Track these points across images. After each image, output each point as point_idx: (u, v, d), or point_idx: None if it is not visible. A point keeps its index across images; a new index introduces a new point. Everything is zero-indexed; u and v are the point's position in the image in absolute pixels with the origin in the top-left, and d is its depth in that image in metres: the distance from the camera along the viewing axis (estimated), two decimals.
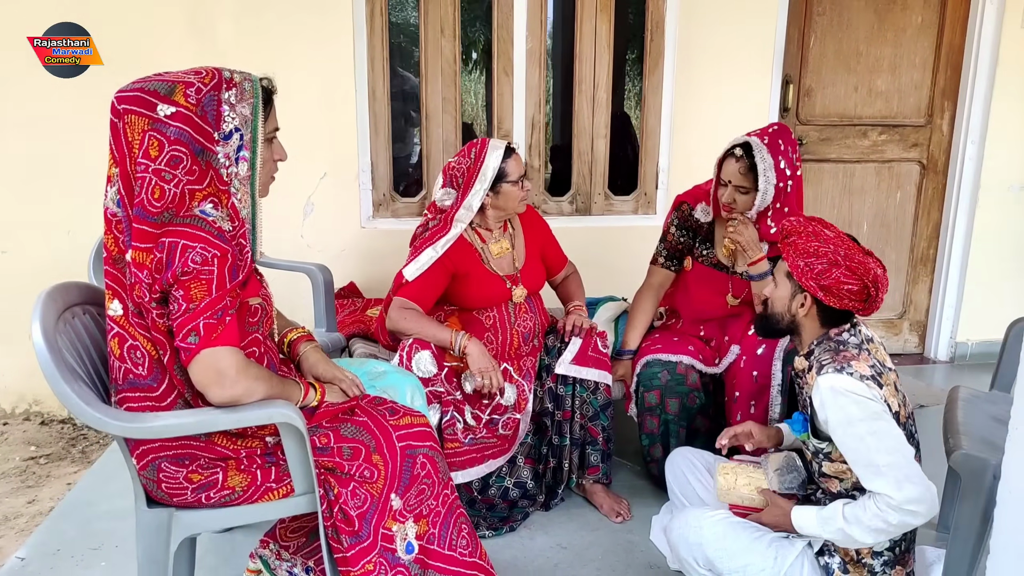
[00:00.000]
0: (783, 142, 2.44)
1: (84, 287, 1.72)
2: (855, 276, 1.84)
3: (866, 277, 1.84)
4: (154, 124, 1.50)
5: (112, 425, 1.45)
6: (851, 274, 1.84)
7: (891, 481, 1.69)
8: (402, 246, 3.51)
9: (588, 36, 3.53)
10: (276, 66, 3.19)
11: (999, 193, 3.98)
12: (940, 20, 3.88)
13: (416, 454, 1.71)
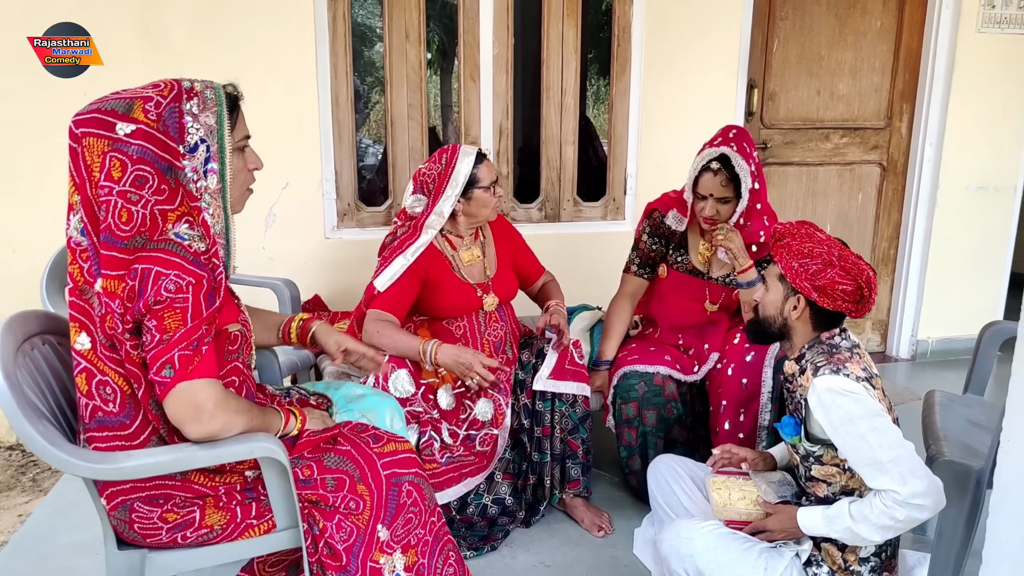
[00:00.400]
0: (747, 144, 2.46)
1: (43, 316, 1.62)
2: (849, 276, 1.85)
3: (860, 278, 1.86)
4: (114, 144, 1.42)
5: (81, 467, 1.35)
6: (845, 274, 1.85)
7: (896, 477, 1.68)
8: (368, 256, 3.44)
9: (555, 41, 3.49)
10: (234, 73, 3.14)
11: (957, 194, 4.06)
12: (898, 24, 3.93)
13: (401, 482, 1.64)
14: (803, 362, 1.93)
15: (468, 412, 2.44)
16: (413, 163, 3.45)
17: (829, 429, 1.78)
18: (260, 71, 3.13)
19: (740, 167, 2.42)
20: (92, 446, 1.47)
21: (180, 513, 1.50)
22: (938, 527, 1.93)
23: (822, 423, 1.79)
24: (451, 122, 3.48)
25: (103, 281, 1.42)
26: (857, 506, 1.76)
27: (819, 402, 1.79)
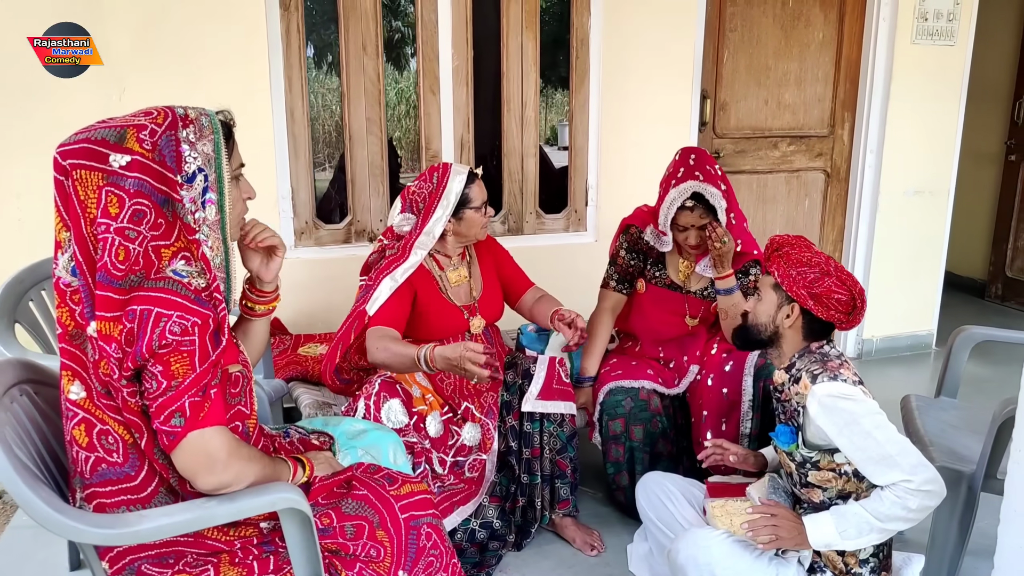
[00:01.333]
0: (709, 166, 2.49)
1: (17, 364, 1.48)
2: (845, 287, 1.91)
3: (853, 289, 1.92)
4: (109, 178, 1.32)
5: (91, 534, 1.23)
6: (841, 285, 1.91)
7: (907, 467, 1.72)
8: (328, 276, 3.34)
9: (515, 53, 3.45)
10: (182, 86, 3.00)
11: (896, 198, 4.21)
12: (839, 36, 4.06)
13: (420, 525, 1.57)
14: (794, 371, 1.96)
15: (455, 438, 2.37)
16: (373, 179, 3.36)
17: (833, 432, 1.81)
18: (211, 84, 2.99)
19: (713, 196, 2.44)
20: (95, 503, 1.35)
21: (193, 573, 1.39)
22: (931, 531, 1.98)
23: (825, 428, 1.82)
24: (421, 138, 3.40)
25: (98, 324, 1.31)
26: (870, 504, 1.78)
27: (821, 408, 1.82)
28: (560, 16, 3.59)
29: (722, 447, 2.20)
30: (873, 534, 1.79)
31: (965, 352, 2.41)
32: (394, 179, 3.64)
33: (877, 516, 1.76)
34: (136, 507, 1.36)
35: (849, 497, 1.92)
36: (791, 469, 1.99)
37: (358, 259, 3.37)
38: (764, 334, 2.00)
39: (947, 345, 2.47)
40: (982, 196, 5.40)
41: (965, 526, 1.93)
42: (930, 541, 2.00)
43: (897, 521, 1.76)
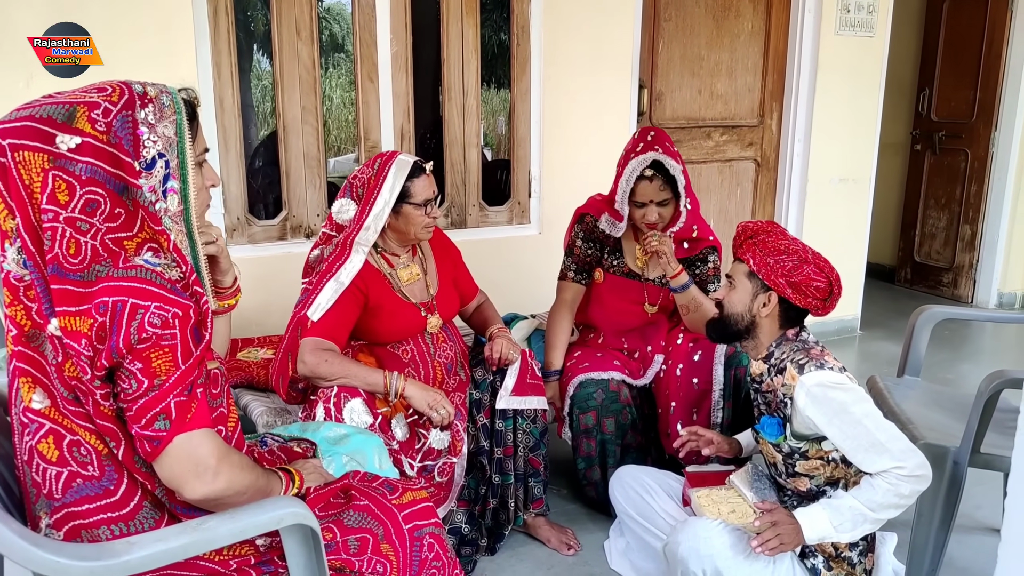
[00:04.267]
0: (668, 143, 2.47)
1: None
2: (822, 274, 1.90)
3: (831, 275, 1.92)
4: (56, 161, 1.16)
5: (74, 568, 1.03)
6: (819, 271, 1.90)
7: (897, 453, 1.72)
8: (263, 275, 3.14)
9: (455, 40, 3.33)
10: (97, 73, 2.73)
11: (823, 185, 4.34)
12: (767, 27, 4.13)
13: (423, 535, 1.46)
14: (774, 360, 1.94)
15: (422, 442, 2.24)
16: (309, 171, 3.18)
17: (823, 422, 1.80)
18: (130, 68, 2.73)
19: (673, 168, 2.42)
20: (68, 527, 1.19)
21: None
22: (917, 509, 2.00)
23: (815, 418, 1.80)
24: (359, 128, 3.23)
25: (61, 320, 1.15)
26: (861, 493, 1.77)
27: (810, 398, 1.80)
28: (501, 2, 3.49)
29: (697, 434, 2.18)
30: (867, 524, 1.78)
31: (927, 331, 2.47)
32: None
33: (870, 506, 1.75)
34: (119, 525, 1.20)
35: (837, 484, 1.91)
36: (776, 460, 1.96)
37: (294, 257, 3.20)
38: (740, 324, 1.97)
39: (909, 324, 2.52)
40: (890, 185, 5.64)
41: (952, 502, 1.95)
42: (915, 519, 2.02)
43: (889, 509, 1.75)
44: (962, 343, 4.57)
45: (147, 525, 1.22)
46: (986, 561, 2.32)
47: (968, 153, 5.14)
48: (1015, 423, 2.10)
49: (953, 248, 5.34)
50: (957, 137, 5.21)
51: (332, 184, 3.33)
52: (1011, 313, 4.48)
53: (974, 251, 5.20)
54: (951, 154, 5.28)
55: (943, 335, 4.53)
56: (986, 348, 4.56)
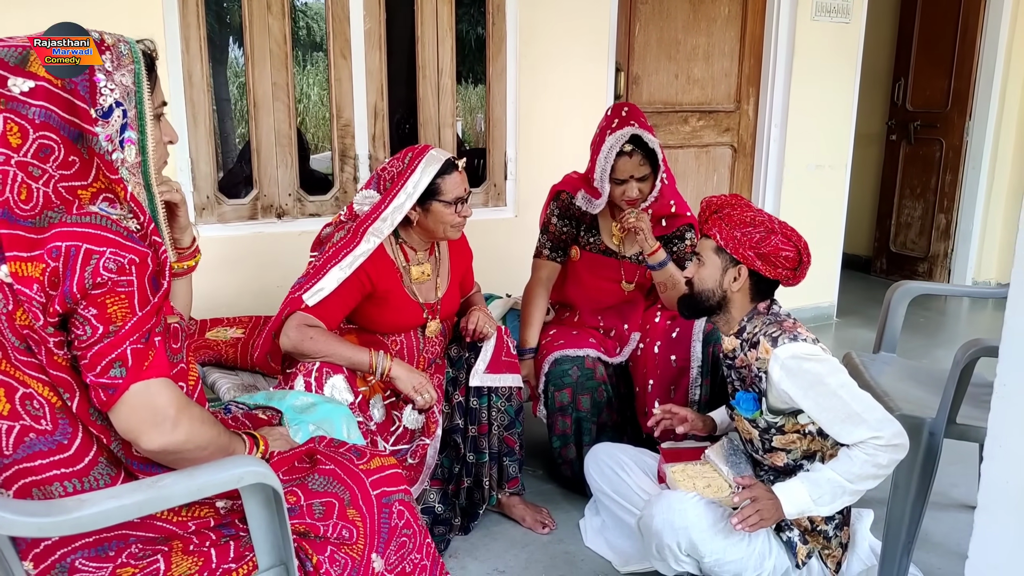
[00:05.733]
0: (643, 117, 2.44)
1: None
2: (790, 243, 1.89)
3: (799, 244, 1.91)
4: (9, 104, 1.13)
5: (23, 524, 0.98)
6: (787, 241, 1.89)
7: (873, 423, 1.71)
8: (233, 255, 3.07)
9: (429, 17, 3.28)
10: None
11: (800, 171, 4.33)
12: (743, 11, 4.12)
13: (392, 502, 1.41)
14: (746, 335, 1.92)
15: (397, 424, 2.19)
16: (280, 148, 3.11)
17: (798, 395, 1.78)
18: None
19: (652, 142, 2.40)
20: (17, 485, 1.14)
21: (139, 566, 1.17)
22: (893, 481, 1.98)
23: (790, 391, 1.78)
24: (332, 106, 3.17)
25: (11, 266, 1.10)
26: (839, 465, 1.75)
27: (784, 371, 1.79)
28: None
29: (671, 411, 2.15)
30: (846, 496, 1.76)
31: (903, 306, 2.46)
32: (304, 162, 3.39)
33: (848, 478, 1.73)
34: (73, 482, 1.16)
35: (814, 457, 1.89)
36: (752, 436, 1.94)
37: (265, 237, 3.15)
38: (712, 300, 1.95)
39: (884, 300, 2.51)
40: (865, 175, 5.67)
41: (928, 473, 1.94)
42: (892, 491, 2.00)
43: (867, 479, 1.74)
44: (936, 329, 4.59)
45: (103, 482, 1.18)
46: (961, 537, 2.32)
47: (943, 143, 5.18)
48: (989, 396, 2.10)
49: (928, 237, 5.37)
50: (932, 127, 5.24)
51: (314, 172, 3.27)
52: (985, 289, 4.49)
53: (949, 240, 5.24)
54: (926, 144, 5.31)
55: (918, 322, 4.56)
56: (960, 334, 4.59)
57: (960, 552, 2.21)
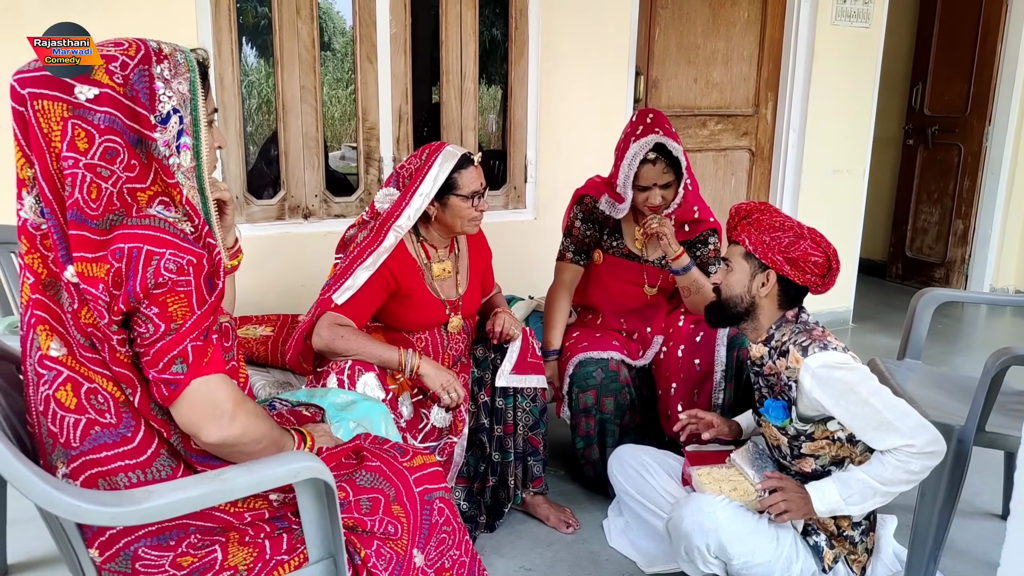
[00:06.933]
0: (667, 124, 2.46)
1: None
2: (819, 248, 1.89)
3: (828, 250, 1.90)
4: (75, 111, 1.17)
5: (96, 513, 1.03)
6: (816, 246, 1.88)
7: (906, 431, 1.71)
8: (260, 254, 3.12)
9: (453, 22, 3.32)
10: None
11: (817, 176, 4.35)
12: (763, 16, 4.15)
13: (433, 499, 1.45)
14: (774, 343, 1.93)
15: (425, 422, 2.23)
16: (308, 151, 3.16)
17: (830, 404, 1.78)
18: None
19: (675, 149, 2.42)
20: (84, 476, 1.18)
21: (198, 555, 1.22)
22: (920, 487, 1.99)
23: (821, 400, 1.79)
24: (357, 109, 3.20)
25: (78, 266, 1.15)
26: (871, 469, 1.77)
27: (816, 380, 1.79)
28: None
29: (697, 416, 2.17)
30: (877, 498, 1.78)
31: (928, 313, 2.46)
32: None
33: (880, 480, 1.75)
34: (136, 473, 1.20)
35: (842, 463, 1.90)
36: (780, 442, 1.95)
37: (291, 237, 3.19)
38: (740, 306, 1.95)
39: (910, 307, 2.51)
40: (882, 180, 5.67)
41: (956, 481, 1.94)
42: (919, 498, 2.01)
43: (900, 484, 1.75)
44: (955, 336, 4.60)
45: (164, 473, 1.22)
46: (986, 545, 2.33)
47: (961, 148, 5.18)
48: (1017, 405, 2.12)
49: (945, 243, 5.37)
50: (950, 132, 5.24)
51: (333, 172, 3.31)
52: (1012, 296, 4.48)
53: (967, 246, 5.24)
54: (944, 149, 5.32)
55: (936, 328, 4.56)
56: (979, 341, 4.59)
57: (986, 560, 2.24)
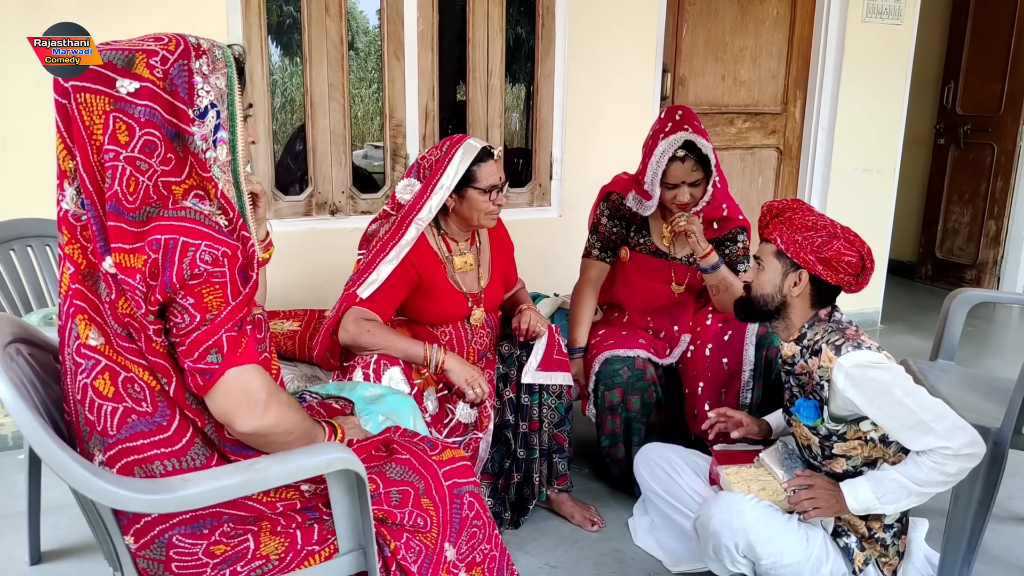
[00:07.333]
0: (696, 121, 2.44)
1: (12, 320, 1.33)
2: (853, 248, 1.86)
3: (862, 249, 1.88)
4: (117, 104, 1.19)
5: (133, 500, 1.05)
6: (850, 246, 1.86)
7: (942, 433, 1.68)
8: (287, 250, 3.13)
9: (480, 19, 3.33)
10: None
11: (846, 175, 4.30)
12: (792, 13, 4.11)
13: (463, 493, 1.46)
14: (806, 342, 1.91)
15: (450, 417, 2.24)
16: (335, 148, 3.18)
17: (864, 404, 1.76)
18: None
19: (705, 147, 2.40)
20: (120, 464, 1.20)
21: (231, 543, 1.24)
22: (954, 490, 1.95)
23: (855, 400, 1.76)
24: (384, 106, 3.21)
25: (116, 256, 1.17)
26: (908, 472, 1.73)
27: (849, 380, 1.76)
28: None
29: (726, 415, 2.15)
30: (912, 498, 1.75)
31: (962, 314, 2.43)
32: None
33: (915, 481, 1.72)
34: (172, 461, 1.22)
35: (875, 464, 1.87)
36: (811, 442, 1.93)
37: (319, 233, 3.21)
38: (771, 305, 1.93)
39: (943, 308, 2.47)
40: (912, 179, 5.59)
41: (991, 485, 1.91)
42: (952, 501, 1.97)
43: (935, 485, 1.72)
44: (986, 338, 4.53)
45: (198, 462, 1.24)
46: (1022, 551, 2.29)
47: (995, 147, 5.09)
48: None
49: (977, 244, 5.29)
50: (983, 131, 5.16)
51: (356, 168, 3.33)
52: None
53: (999, 247, 5.15)
54: (976, 148, 5.23)
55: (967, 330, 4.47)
56: (1012, 343, 4.52)
57: (1020, 566, 2.21)
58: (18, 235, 2.30)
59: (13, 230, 2.31)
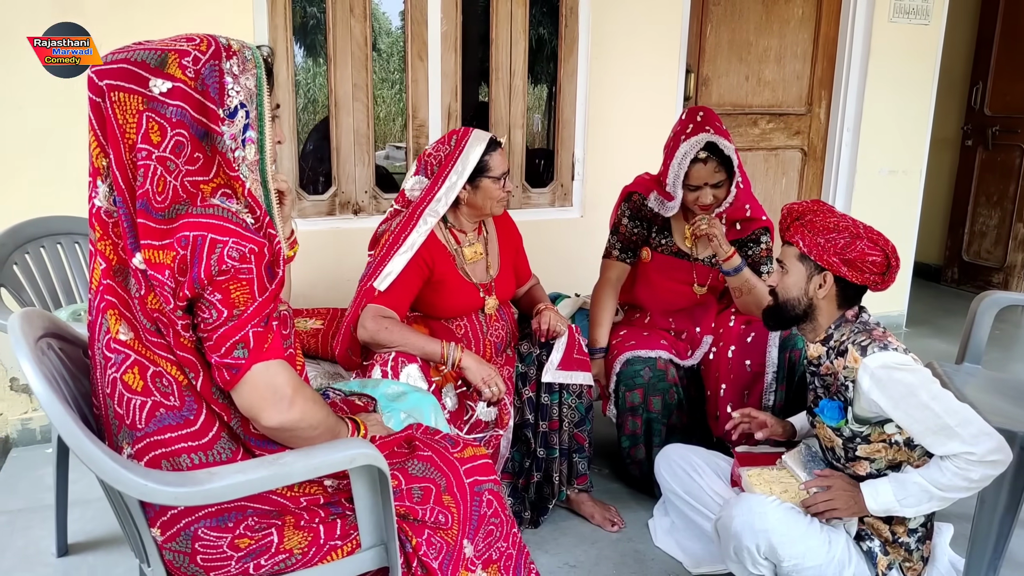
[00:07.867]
0: (718, 122, 2.43)
1: (43, 314, 1.35)
2: (877, 247, 1.85)
3: (886, 248, 1.86)
4: (150, 104, 1.21)
5: (161, 492, 1.07)
6: (874, 245, 1.84)
7: (967, 438, 1.66)
8: (311, 249, 3.16)
9: (504, 20, 3.33)
10: None
11: (872, 176, 4.26)
12: (817, 13, 4.07)
13: (482, 491, 1.47)
14: (833, 343, 1.89)
15: (470, 414, 2.25)
16: (359, 148, 3.20)
17: (889, 406, 1.74)
18: None
19: (727, 148, 2.39)
20: (148, 457, 1.22)
21: (255, 537, 1.25)
22: (980, 495, 1.93)
23: (880, 401, 1.75)
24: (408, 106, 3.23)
25: (146, 252, 1.20)
26: (931, 476, 1.72)
27: (875, 381, 1.74)
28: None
29: (750, 416, 2.14)
30: (933, 502, 1.73)
31: (990, 317, 2.39)
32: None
33: (937, 486, 1.70)
34: (199, 454, 1.24)
35: (899, 467, 1.85)
36: (835, 444, 1.91)
37: (342, 232, 3.24)
38: (798, 309, 1.92)
39: (970, 311, 2.45)
40: (938, 181, 5.52)
41: (1018, 490, 1.88)
42: (978, 506, 1.95)
43: (958, 491, 1.70)
44: (1012, 342, 4.46)
45: (224, 456, 1.26)
46: None
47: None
48: None
49: (1005, 247, 5.21)
50: (1012, 132, 5.08)
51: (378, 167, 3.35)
52: None
53: None
54: (1005, 150, 5.15)
55: (994, 334, 4.41)
56: None
57: None
58: (47, 232, 2.34)
59: (43, 228, 2.34)
